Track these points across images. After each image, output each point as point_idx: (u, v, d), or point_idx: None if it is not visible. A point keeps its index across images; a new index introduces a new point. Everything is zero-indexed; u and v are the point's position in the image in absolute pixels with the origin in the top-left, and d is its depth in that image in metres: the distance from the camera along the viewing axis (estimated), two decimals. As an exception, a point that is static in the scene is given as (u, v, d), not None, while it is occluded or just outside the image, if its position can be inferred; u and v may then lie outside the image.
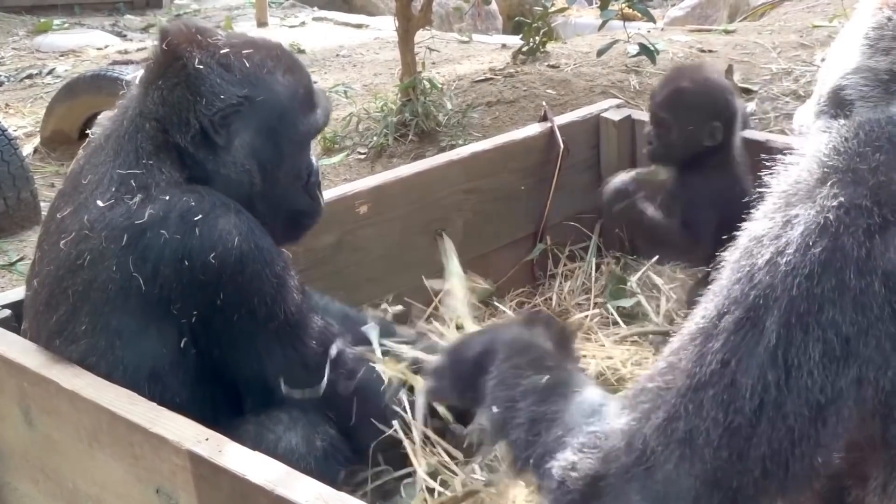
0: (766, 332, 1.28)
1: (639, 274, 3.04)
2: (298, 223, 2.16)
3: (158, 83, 1.98)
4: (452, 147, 4.21)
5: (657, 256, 3.05)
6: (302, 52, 7.16)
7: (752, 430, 1.28)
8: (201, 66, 1.95)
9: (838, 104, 1.49)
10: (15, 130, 5.32)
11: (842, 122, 1.45)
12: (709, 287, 1.41)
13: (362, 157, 4.77)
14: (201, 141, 1.96)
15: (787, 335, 1.27)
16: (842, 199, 1.30)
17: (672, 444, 1.34)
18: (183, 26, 2.01)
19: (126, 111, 2.03)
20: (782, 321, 1.27)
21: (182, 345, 1.88)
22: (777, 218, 1.35)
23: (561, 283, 3.08)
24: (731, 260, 1.38)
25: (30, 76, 7.10)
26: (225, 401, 1.96)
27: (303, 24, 8.61)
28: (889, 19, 1.50)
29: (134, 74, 2.18)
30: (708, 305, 1.38)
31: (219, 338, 1.90)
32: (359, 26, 8.35)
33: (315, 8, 9.32)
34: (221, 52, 1.97)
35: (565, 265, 3.14)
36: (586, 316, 2.91)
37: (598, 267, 3.15)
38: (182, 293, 1.84)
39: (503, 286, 3.06)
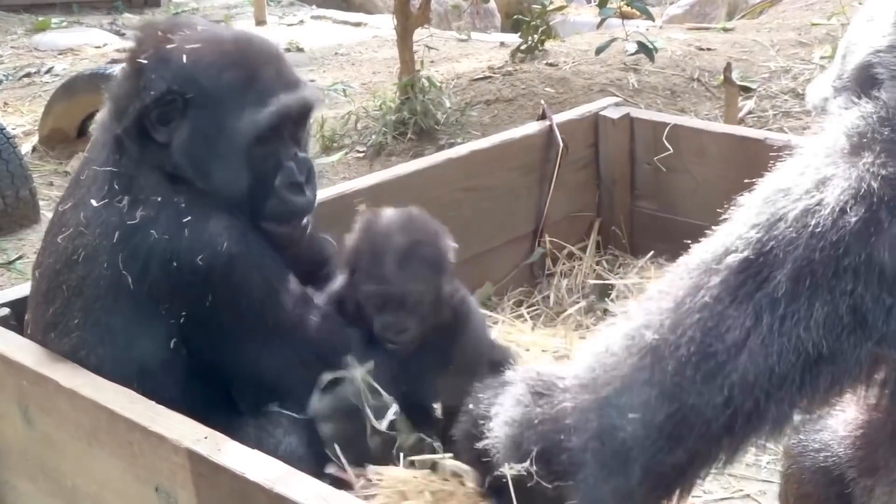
0: (772, 281, 1.23)
1: (626, 280, 3.05)
2: (270, 227, 2.00)
3: (122, 77, 1.99)
4: (451, 145, 4.21)
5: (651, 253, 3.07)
6: (301, 50, 7.16)
7: (727, 358, 1.23)
8: (144, 61, 1.93)
9: (866, 82, 1.42)
10: (13, 129, 5.32)
11: (886, 94, 1.36)
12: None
13: (361, 155, 4.77)
14: (137, 135, 1.92)
15: (794, 290, 1.21)
16: (890, 168, 1.22)
17: (635, 350, 1.29)
18: (159, 23, 2.02)
19: (110, 112, 2.02)
20: (793, 276, 1.22)
21: (172, 345, 1.87)
22: (808, 174, 1.27)
23: (559, 281, 3.08)
24: (749, 204, 1.32)
25: (28, 74, 7.09)
26: (218, 400, 1.95)
27: (301, 22, 8.61)
28: None
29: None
30: (713, 243, 1.32)
31: (209, 340, 1.89)
32: (357, 24, 8.35)
33: (313, 6, 9.31)
34: (167, 46, 1.93)
35: (564, 263, 3.14)
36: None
37: (597, 264, 3.16)
38: (170, 294, 1.84)
39: (502, 286, 3.06)
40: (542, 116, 3.17)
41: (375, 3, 9.84)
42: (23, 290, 2.14)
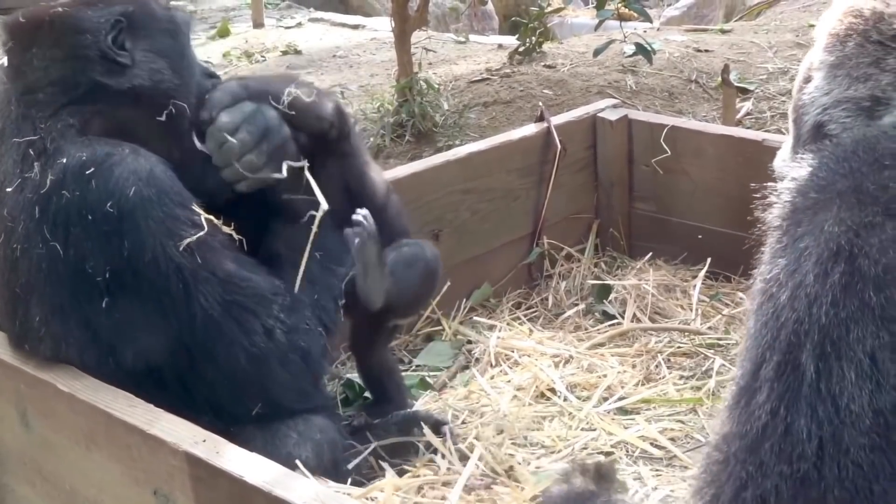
0: (804, 368, 1.24)
1: (625, 281, 3.05)
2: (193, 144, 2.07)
3: (33, 52, 1.95)
4: (449, 147, 4.21)
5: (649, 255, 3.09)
6: (298, 52, 7.16)
7: (818, 473, 1.21)
8: (68, 9, 1.97)
9: (822, 140, 1.48)
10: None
11: (831, 143, 1.42)
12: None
13: (359, 157, 4.77)
14: (106, 71, 1.96)
15: (826, 366, 1.23)
16: (850, 222, 1.28)
17: None
18: (23, 10, 2.01)
19: (8, 103, 1.97)
20: (817, 353, 1.23)
21: (104, 305, 1.84)
22: (788, 254, 1.32)
23: (557, 282, 3.08)
24: (753, 309, 1.35)
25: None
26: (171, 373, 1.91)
27: (299, 24, 8.60)
28: (862, 46, 1.50)
29: None
30: (744, 363, 1.34)
31: (130, 293, 1.85)
32: (355, 27, 8.34)
33: (311, 9, 9.31)
34: None
35: (562, 265, 3.14)
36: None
37: (595, 266, 3.16)
38: (91, 249, 1.81)
39: (500, 288, 3.06)
40: (540, 118, 3.17)
41: (373, 6, 9.84)
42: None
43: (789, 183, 1.41)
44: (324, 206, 2.03)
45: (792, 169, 1.45)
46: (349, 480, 2.03)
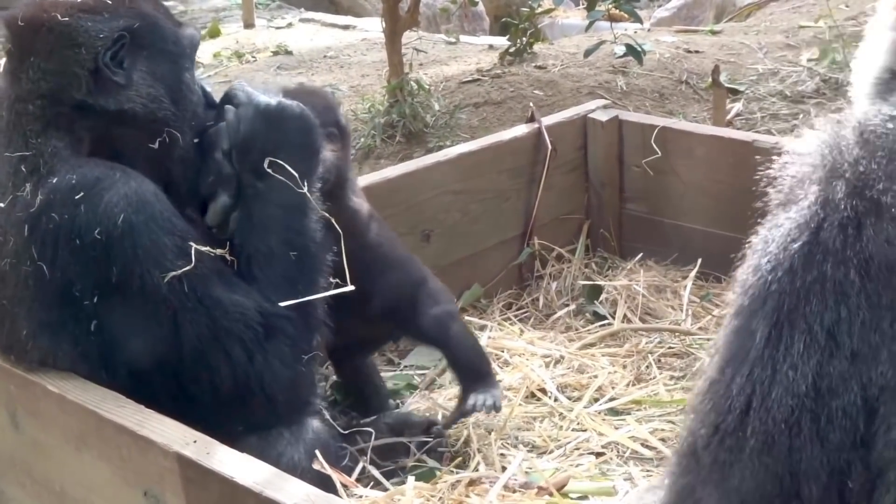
0: (755, 333, 1.28)
1: (615, 282, 3.06)
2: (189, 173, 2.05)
3: (30, 60, 1.92)
4: (440, 148, 4.21)
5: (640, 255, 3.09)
6: (289, 53, 7.15)
7: (741, 426, 1.28)
8: (67, 19, 1.91)
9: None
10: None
11: (836, 118, 1.44)
12: None
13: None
14: (98, 89, 1.92)
15: (776, 333, 1.27)
16: (821, 195, 1.31)
17: (681, 459, 1.37)
18: (24, 6, 1.97)
19: (0, 108, 1.96)
20: (770, 320, 1.28)
21: (93, 328, 1.83)
22: (767, 227, 1.37)
23: (548, 283, 3.09)
24: (736, 277, 1.40)
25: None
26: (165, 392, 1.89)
27: (290, 25, 8.58)
28: None
29: None
30: (721, 328, 1.40)
31: (119, 317, 1.84)
32: (346, 27, 8.33)
33: (302, 9, 9.29)
34: (77, 1, 1.95)
35: (553, 266, 3.15)
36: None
37: (586, 266, 3.16)
38: (79, 273, 1.81)
39: (491, 288, 3.06)
40: (531, 119, 3.18)
41: (364, 6, 9.82)
42: None
43: (787, 157, 1.44)
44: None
45: (795, 143, 1.47)
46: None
